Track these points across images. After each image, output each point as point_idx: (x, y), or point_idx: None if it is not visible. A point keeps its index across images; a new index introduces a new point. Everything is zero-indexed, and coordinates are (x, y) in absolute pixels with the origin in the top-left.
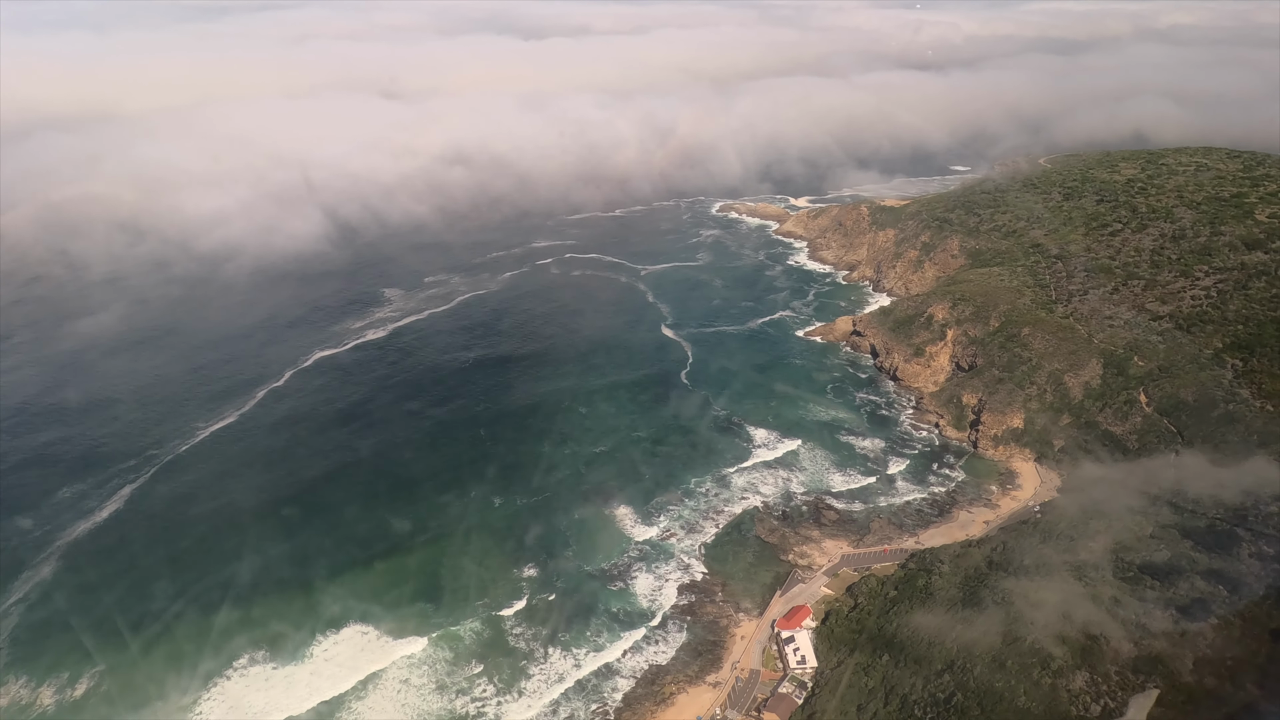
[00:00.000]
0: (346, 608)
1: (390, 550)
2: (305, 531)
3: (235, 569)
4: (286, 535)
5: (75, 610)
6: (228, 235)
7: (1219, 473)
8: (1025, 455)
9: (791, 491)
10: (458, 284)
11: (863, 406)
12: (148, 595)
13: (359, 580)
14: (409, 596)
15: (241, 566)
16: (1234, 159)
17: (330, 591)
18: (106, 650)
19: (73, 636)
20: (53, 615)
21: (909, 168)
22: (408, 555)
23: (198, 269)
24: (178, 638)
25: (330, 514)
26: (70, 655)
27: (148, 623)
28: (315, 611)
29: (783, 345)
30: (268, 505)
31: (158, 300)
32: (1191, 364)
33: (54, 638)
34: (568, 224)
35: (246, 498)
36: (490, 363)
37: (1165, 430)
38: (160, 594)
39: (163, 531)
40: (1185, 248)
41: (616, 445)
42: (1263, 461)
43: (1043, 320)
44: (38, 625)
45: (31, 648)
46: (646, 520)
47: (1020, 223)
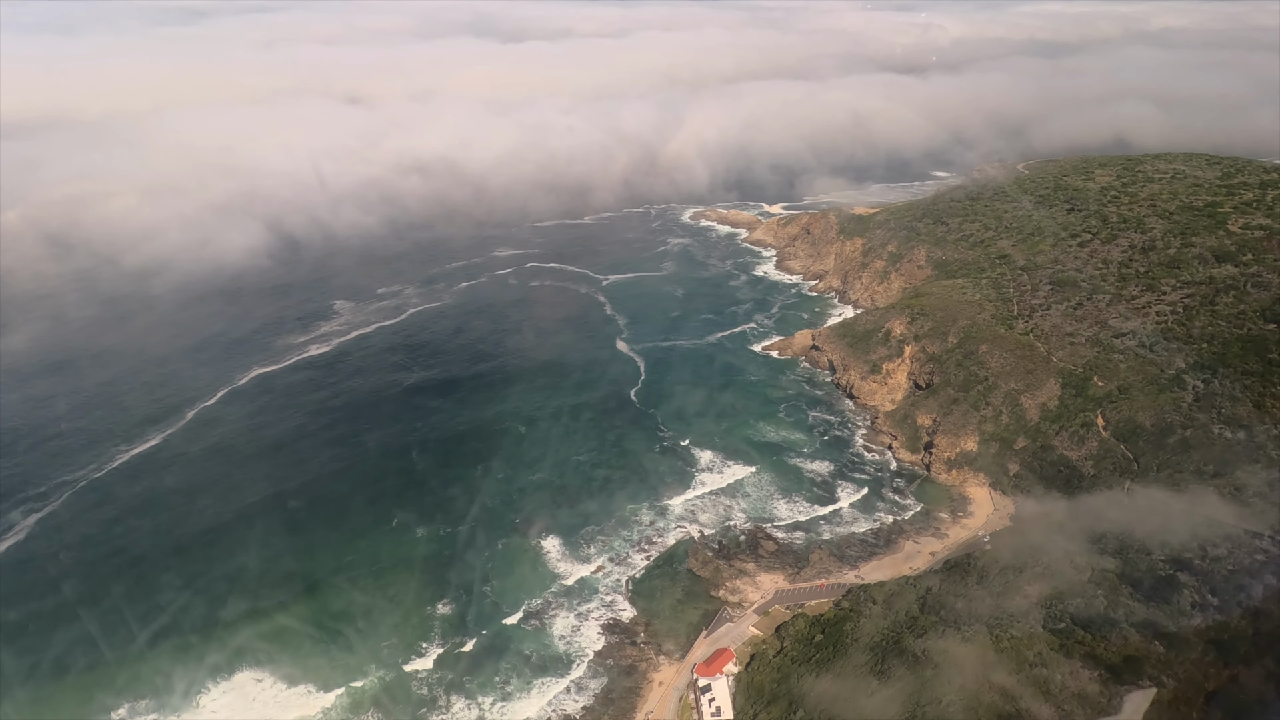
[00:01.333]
0: (242, 652)
1: (298, 588)
2: (209, 568)
3: (128, 610)
4: (187, 573)
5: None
6: (159, 249)
7: (1168, 509)
8: (979, 480)
9: (732, 520)
10: (410, 296)
11: (815, 427)
12: (31, 639)
13: (259, 622)
14: (311, 639)
15: (136, 606)
16: (1214, 165)
17: (226, 634)
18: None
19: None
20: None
21: (887, 174)
22: (316, 593)
23: (127, 285)
24: (57, 684)
25: (240, 549)
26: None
27: (26, 669)
28: (206, 657)
29: (739, 361)
30: (184, 533)
31: (80, 319)
32: (1151, 385)
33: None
34: (532, 232)
35: (157, 526)
36: (431, 384)
37: (1121, 457)
38: (43, 637)
39: (63, 568)
40: (1154, 260)
41: (554, 470)
42: (1214, 497)
43: (1001, 337)
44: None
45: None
46: (574, 553)
47: (988, 232)
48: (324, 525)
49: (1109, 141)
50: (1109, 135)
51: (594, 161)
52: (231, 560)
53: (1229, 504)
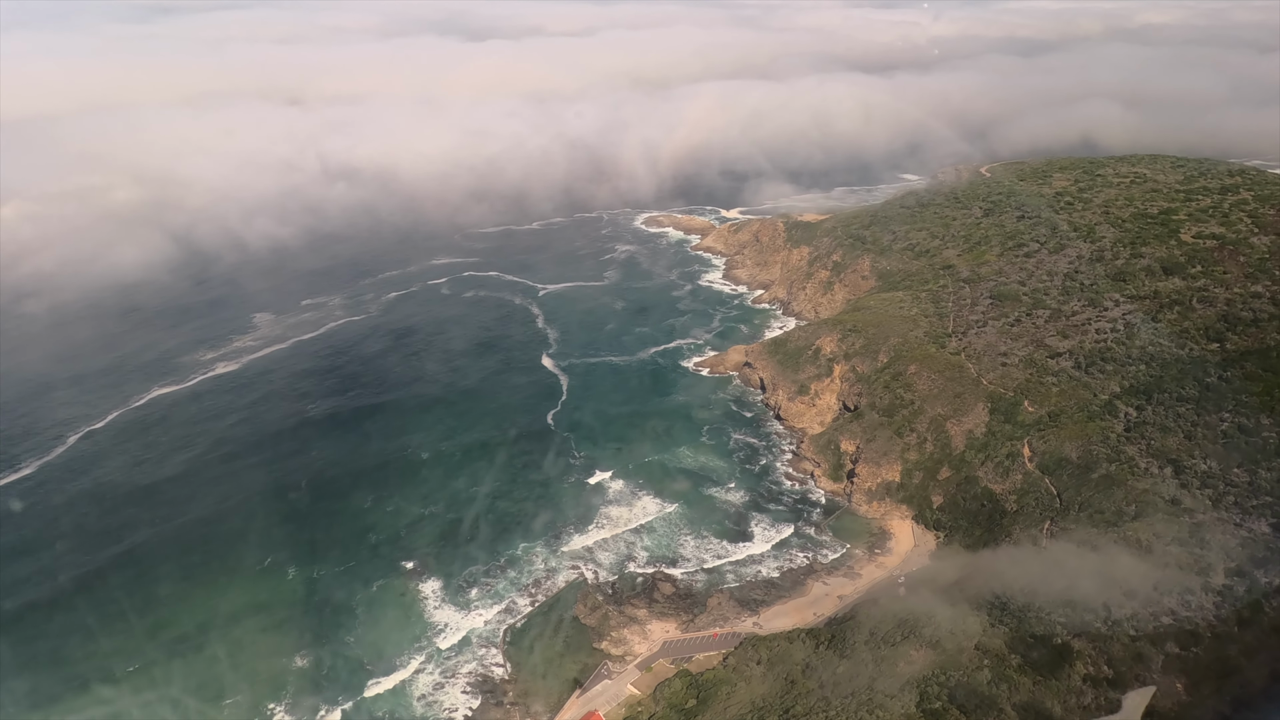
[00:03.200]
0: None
1: (147, 638)
2: (36, 640)
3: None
4: (28, 629)
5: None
6: (42, 264)
7: (1078, 564)
8: (902, 513)
9: (633, 559)
10: (334, 308)
11: (737, 452)
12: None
13: (89, 688)
14: (145, 702)
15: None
16: (1178, 168)
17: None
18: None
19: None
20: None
21: (849, 177)
22: (161, 649)
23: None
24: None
25: (86, 611)
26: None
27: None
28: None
29: (669, 379)
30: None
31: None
32: (1081, 412)
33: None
34: (475, 239)
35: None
36: (332, 408)
37: (1045, 492)
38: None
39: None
40: (1100, 272)
41: (450, 503)
42: (1125, 554)
43: (931, 357)
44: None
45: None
46: (453, 598)
47: (935, 241)
48: (189, 569)
49: (1076, 142)
50: (1075, 136)
51: (541, 166)
52: (72, 623)
53: (1141, 560)
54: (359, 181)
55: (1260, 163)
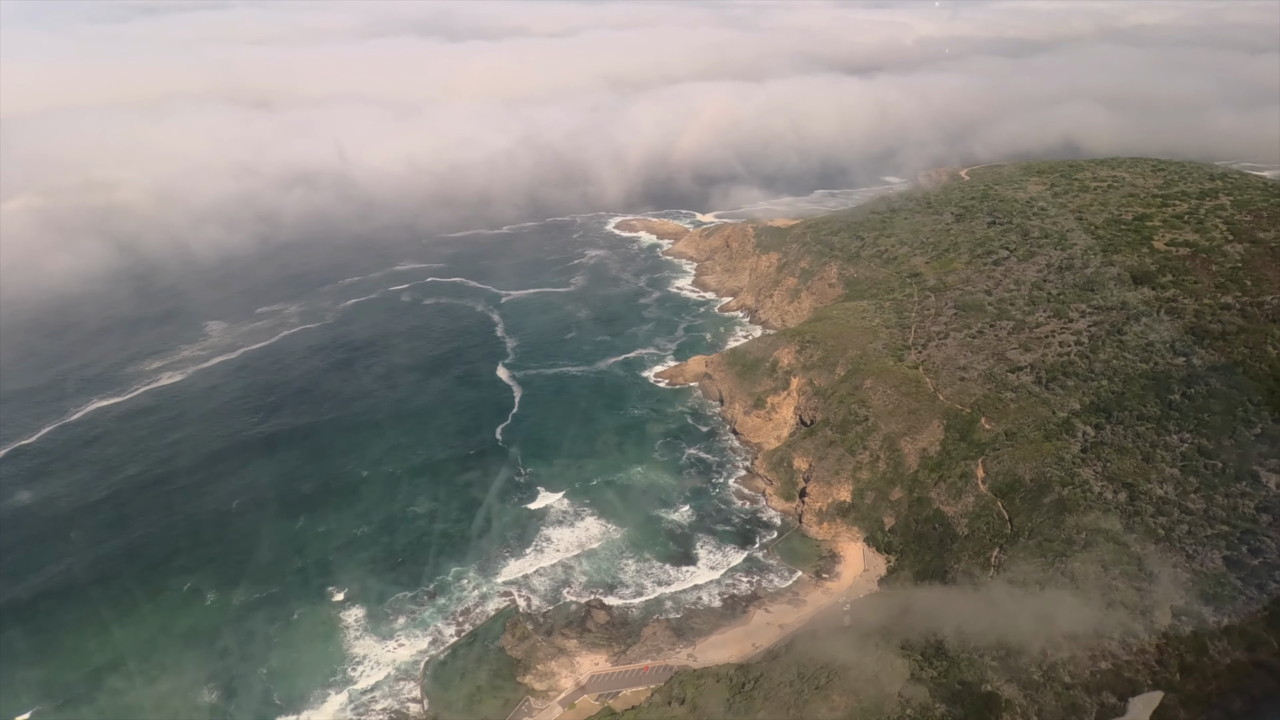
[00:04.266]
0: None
1: (56, 672)
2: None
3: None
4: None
5: None
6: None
7: (1016, 605)
8: (853, 534)
9: (569, 584)
10: (290, 315)
11: (689, 468)
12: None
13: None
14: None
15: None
16: (1158, 172)
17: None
18: None
19: None
20: None
21: (827, 180)
22: (71, 682)
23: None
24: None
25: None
26: None
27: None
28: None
29: (627, 390)
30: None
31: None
32: (1038, 431)
33: None
34: (442, 244)
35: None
36: (275, 424)
37: (996, 516)
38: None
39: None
40: (1068, 281)
41: (384, 523)
42: (1068, 591)
43: (888, 370)
44: None
45: None
46: (376, 626)
47: (904, 248)
48: (106, 599)
49: (1058, 145)
50: (1058, 138)
51: (510, 170)
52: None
53: (1084, 599)
54: (318, 186)
55: (1248, 165)
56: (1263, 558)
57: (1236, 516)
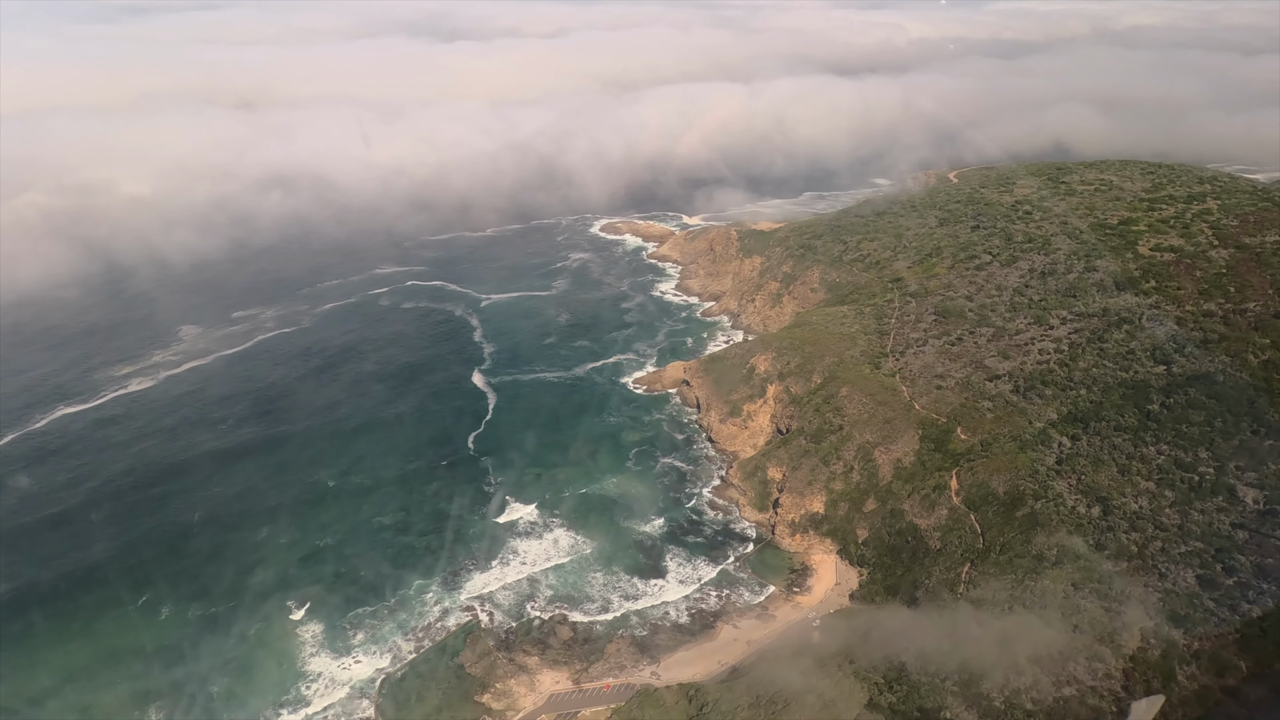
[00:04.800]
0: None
1: (9, 694)
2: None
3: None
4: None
5: None
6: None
7: (980, 630)
8: (826, 547)
9: (534, 598)
10: (266, 320)
11: (663, 477)
12: None
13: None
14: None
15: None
16: (1147, 175)
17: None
18: None
19: None
20: None
21: (817, 182)
22: (20, 700)
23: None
24: None
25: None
26: None
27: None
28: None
29: (604, 396)
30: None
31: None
32: (1014, 441)
33: None
34: (425, 246)
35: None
36: (245, 432)
37: (969, 530)
38: None
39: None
40: (1050, 287)
41: (348, 534)
42: (1033, 619)
43: (864, 379)
44: None
45: None
46: (333, 642)
47: (886, 252)
48: (62, 614)
49: (1049, 147)
50: (1048, 140)
51: (495, 172)
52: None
53: (1049, 621)
54: (296, 189)
55: (1240, 168)
56: (1237, 577)
57: (1212, 533)
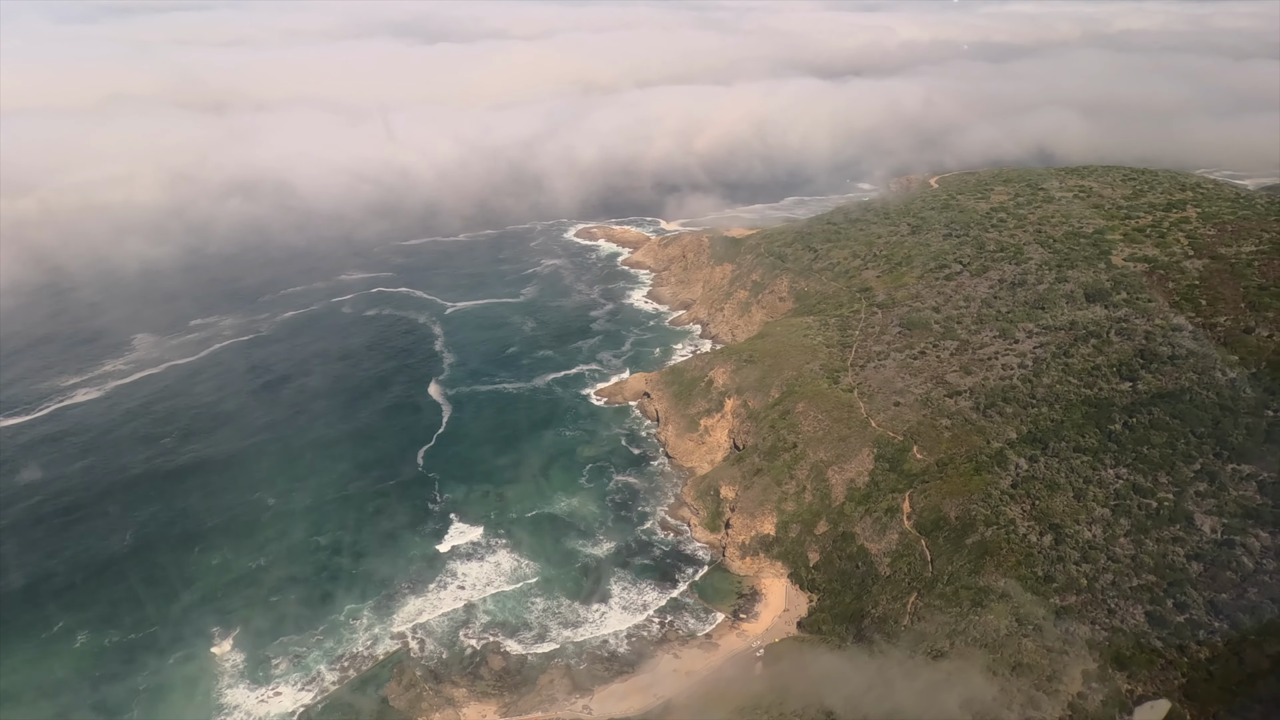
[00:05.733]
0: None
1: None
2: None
3: None
4: None
5: None
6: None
7: (914, 672)
8: (776, 570)
9: (470, 625)
10: (224, 328)
11: (614, 495)
12: None
13: None
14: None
15: None
16: (1128, 181)
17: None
18: None
19: None
20: None
21: (800, 186)
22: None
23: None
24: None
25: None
26: None
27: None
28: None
29: (563, 409)
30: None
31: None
32: (969, 463)
33: None
34: (395, 251)
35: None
36: (190, 448)
37: (919, 556)
38: None
39: None
40: (1020, 298)
41: (282, 556)
42: (971, 658)
43: (822, 394)
44: None
45: None
46: (254, 671)
47: (856, 261)
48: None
49: (1032, 152)
50: (1031, 145)
51: (464, 177)
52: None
53: (988, 661)
54: (257, 195)
55: (1229, 173)
56: (1188, 614)
57: (1166, 565)
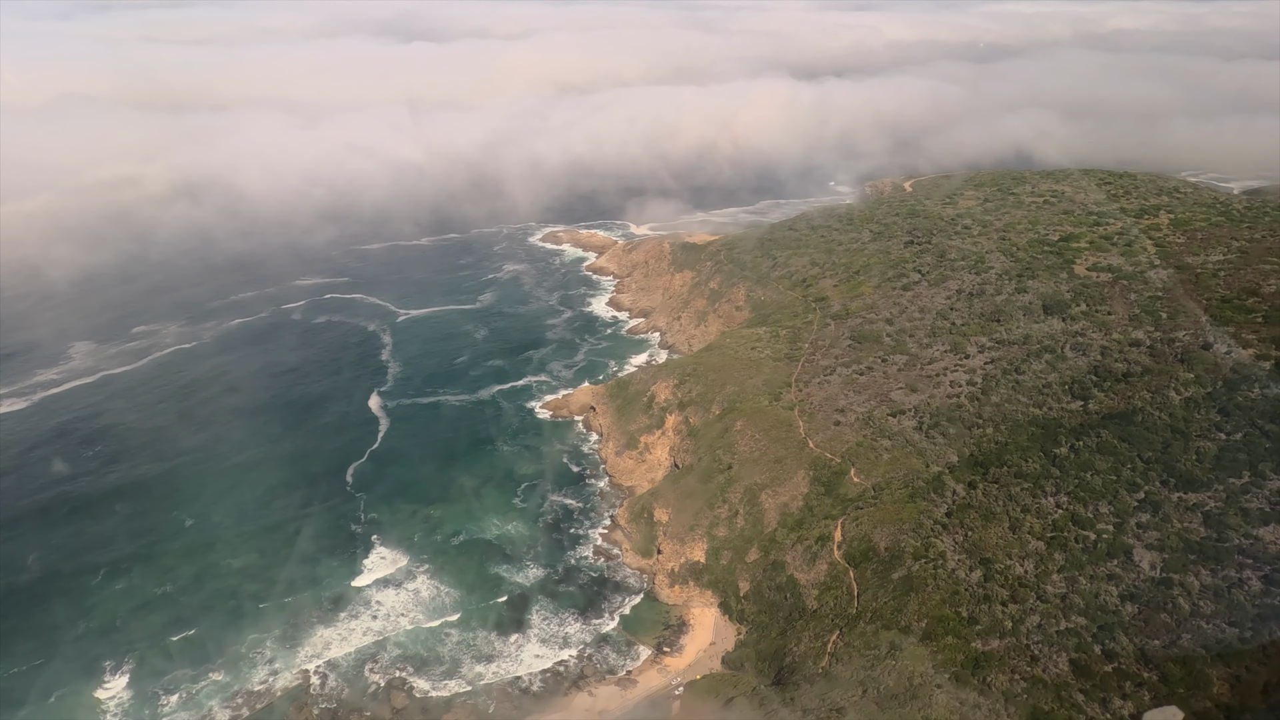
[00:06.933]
0: None
1: None
2: None
3: None
4: None
5: None
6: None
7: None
8: (707, 599)
9: (376, 658)
10: (167, 336)
11: (548, 516)
12: None
13: None
14: None
15: None
16: (1104, 185)
17: None
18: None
19: None
20: None
21: (775, 188)
22: None
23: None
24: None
25: None
26: None
27: None
28: None
29: (505, 423)
30: None
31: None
32: (905, 488)
33: None
34: (355, 255)
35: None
36: (113, 466)
37: (846, 590)
38: None
39: None
40: (976, 310)
41: (191, 582)
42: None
43: (761, 411)
44: None
45: None
46: (141, 709)
47: (815, 269)
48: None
49: (1011, 155)
50: (1009, 147)
51: (427, 180)
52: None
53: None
54: (204, 199)
55: (1215, 176)
56: (1117, 663)
57: (1097, 606)
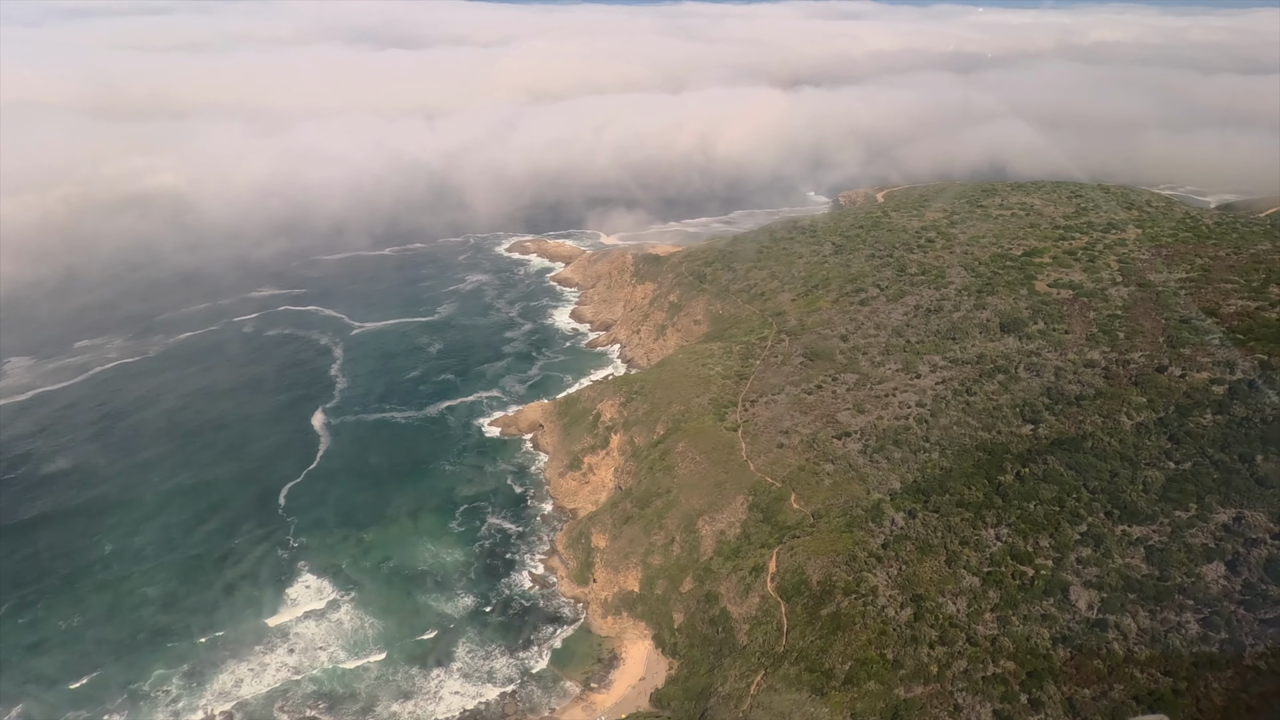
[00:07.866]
0: None
1: None
2: None
3: None
4: None
5: None
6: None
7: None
8: (640, 631)
9: (287, 694)
10: (110, 350)
11: (485, 541)
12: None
13: None
14: None
15: None
16: (1074, 198)
17: None
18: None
19: None
20: None
21: (746, 200)
22: None
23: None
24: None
25: None
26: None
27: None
28: None
29: (451, 441)
30: None
31: None
32: (843, 517)
33: None
34: (314, 265)
35: None
36: (33, 493)
37: (775, 625)
38: None
39: None
40: (932, 327)
41: (101, 614)
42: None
43: (704, 432)
44: None
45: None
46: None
47: (774, 282)
48: None
49: (984, 166)
50: (983, 159)
51: (387, 189)
52: None
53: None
54: (152, 209)
55: (1192, 190)
56: (1043, 713)
57: (1028, 650)
